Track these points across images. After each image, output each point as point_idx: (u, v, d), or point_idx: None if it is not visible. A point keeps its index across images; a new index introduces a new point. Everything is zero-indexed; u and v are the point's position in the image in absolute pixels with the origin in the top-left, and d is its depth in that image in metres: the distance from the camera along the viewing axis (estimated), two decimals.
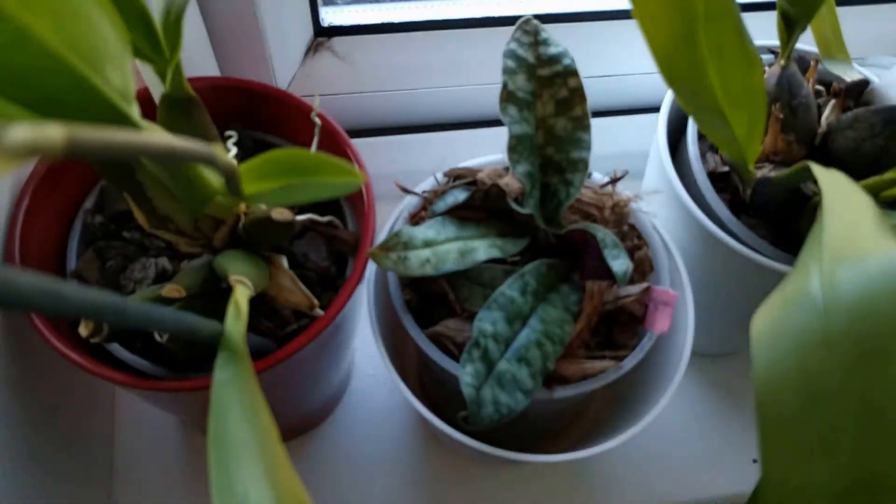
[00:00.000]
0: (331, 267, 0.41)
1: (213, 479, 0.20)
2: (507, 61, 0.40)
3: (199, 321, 0.24)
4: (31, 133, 0.10)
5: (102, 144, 0.12)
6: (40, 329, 0.35)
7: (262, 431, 0.20)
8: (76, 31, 0.17)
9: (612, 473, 0.57)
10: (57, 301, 0.14)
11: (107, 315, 0.17)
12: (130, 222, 0.43)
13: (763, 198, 0.43)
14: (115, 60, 0.19)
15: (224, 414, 0.22)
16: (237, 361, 0.24)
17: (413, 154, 0.65)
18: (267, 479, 0.19)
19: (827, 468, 0.21)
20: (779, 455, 0.22)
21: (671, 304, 0.39)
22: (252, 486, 0.19)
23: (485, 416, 0.34)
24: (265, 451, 0.20)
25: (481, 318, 0.36)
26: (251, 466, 0.19)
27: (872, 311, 0.22)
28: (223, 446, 0.21)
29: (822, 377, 0.22)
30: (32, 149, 0.10)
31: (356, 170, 0.21)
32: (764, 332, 0.24)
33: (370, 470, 0.56)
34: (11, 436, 0.40)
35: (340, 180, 0.22)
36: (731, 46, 0.32)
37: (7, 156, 0.10)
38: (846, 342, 0.22)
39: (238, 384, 0.22)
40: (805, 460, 0.22)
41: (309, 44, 0.62)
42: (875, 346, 0.22)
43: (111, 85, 0.19)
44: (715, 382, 0.62)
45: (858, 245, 0.25)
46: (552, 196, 0.41)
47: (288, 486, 0.19)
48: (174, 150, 0.15)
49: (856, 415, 0.21)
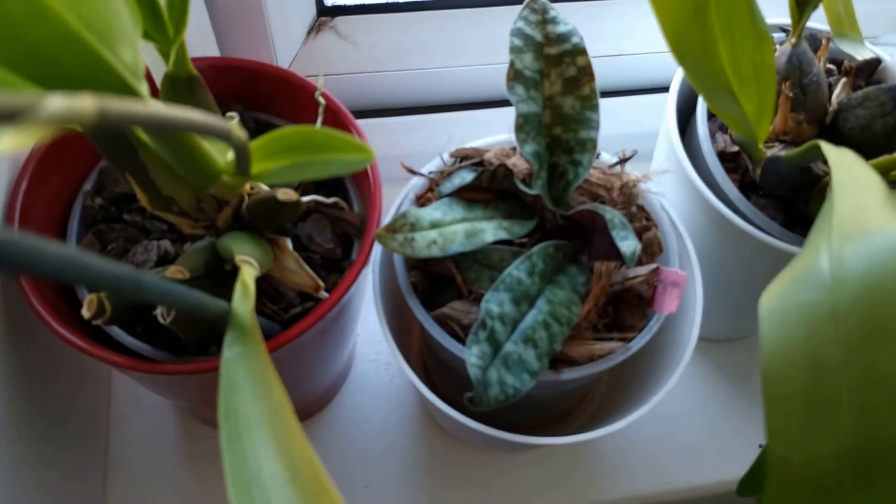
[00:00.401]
0: (336, 249, 0.42)
1: (225, 453, 0.21)
2: (514, 40, 0.40)
3: (208, 298, 0.25)
4: (66, 103, 0.11)
5: (129, 116, 0.12)
6: (41, 313, 0.36)
7: (274, 405, 0.21)
8: (91, 8, 0.17)
9: (617, 459, 0.58)
10: (78, 269, 0.15)
11: (124, 284, 0.17)
12: (131, 204, 0.44)
13: (773, 178, 0.44)
14: (127, 38, 0.20)
15: (233, 390, 0.22)
16: (246, 339, 0.25)
17: (417, 135, 0.66)
18: (279, 452, 0.20)
19: (830, 439, 0.22)
20: (784, 428, 0.23)
21: (681, 285, 0.39)
22: (265, 458, 0.20)
23: (491, 396, 0.35)
24: (277, 424, 0.20)
25: (488, 300, 0.37)
26: (262, 440, 0.20)
27: (880, 287, 0.23)
28: (234, 421, 0.21)
29: (829, 351, 0.23)
30: (66, 118, 0.11)
31: (366, 146, 0.22)
32: (772, 308, 0.25)
33: (372, 455, 0.57)
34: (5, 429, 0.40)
35: (350, 157, 0.22)
36: (742, 23, 0.32)
37: (42, 124, 0.10)
38: (853, 317, 0.23)
39: (247, 360, 0.23)
40: (809, 432, 0.23)
41: (311, 24, 0.63)
42: (882, 320, 0.23)
43: (122, 62, 0.20)
44: (722, 367, 0.62)
45: (867, 223, 0.26)
46: (560, 176, 0.42)
47: (301, 457, 0.20)
48: (193, 123, 0.15)
49: (860, 386, 0.22)
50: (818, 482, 0.23)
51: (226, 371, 0.23)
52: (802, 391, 0.23)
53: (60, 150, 0.41)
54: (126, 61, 0.20)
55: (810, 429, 0.23)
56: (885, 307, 0.23)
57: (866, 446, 0.22)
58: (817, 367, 0.23)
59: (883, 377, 0.22)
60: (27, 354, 0.43)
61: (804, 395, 0.23)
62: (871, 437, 0.22)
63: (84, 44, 0.17)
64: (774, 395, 0.23)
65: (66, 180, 0.43)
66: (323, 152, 0.23)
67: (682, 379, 0.42)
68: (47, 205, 0.42)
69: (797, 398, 0.23)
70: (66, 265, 0.14)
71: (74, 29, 0.17)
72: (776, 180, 0.44)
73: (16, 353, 0.41)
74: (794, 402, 0.23)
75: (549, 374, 0.38)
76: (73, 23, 0.17)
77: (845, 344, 0.23)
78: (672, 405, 0.60)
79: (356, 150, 0.22)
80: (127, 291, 0.18)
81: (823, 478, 0.23)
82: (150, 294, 0.19)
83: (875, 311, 0.23)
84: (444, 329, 0.40)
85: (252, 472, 0.19)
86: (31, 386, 0.43)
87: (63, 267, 0.14)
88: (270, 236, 0.39)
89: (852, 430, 0.22)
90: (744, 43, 0.32)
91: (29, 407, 0.43)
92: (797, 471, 0.23)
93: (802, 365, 0.23)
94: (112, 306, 0.33)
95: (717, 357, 0.63)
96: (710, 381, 0.62)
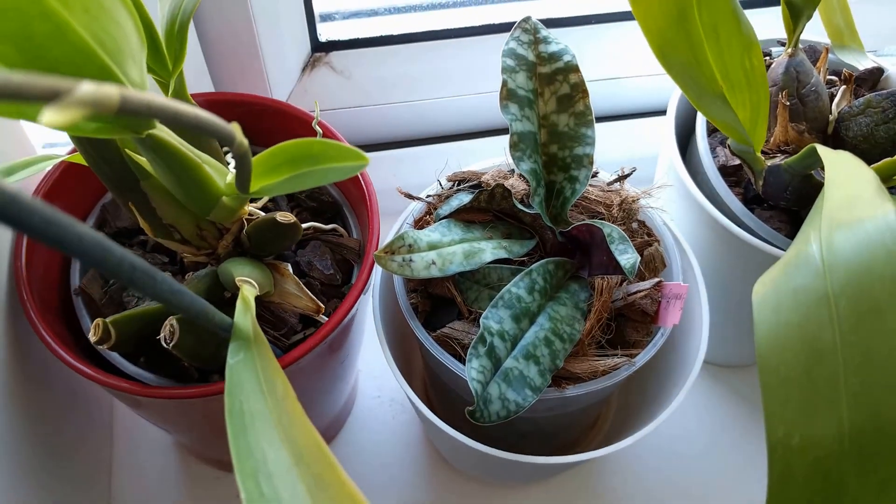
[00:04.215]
0: (336, 275, 0.44)
1: (232, 448, 0.23)
2: (507, 60, 0.44)
3: (212, 308, 0.28)
4: (95, 87, 0.13)
5: (146, 104, 0.15)
6: (47, 340, 0.39)
7: (278, 397, 0.23)
8: (104, 28, 0.20)
9: (627, 490, 0.59)
10: (104, 252, 0.17)
11: (138, 274, 0.20)
12: (133, 238, 0.46)
13: (775, 187, 0.46)
14: (135, 57, 0.23)
15: (238, 390, 0.25)
16: (249, 346, 0.27)
17: (415, 166, 0.69)
18: (284, 440, 0.22)
19: (828, 420, 0.24)
20: (782, 414, 0.25)
21: (683, 297, 0.41)
22: (269, 446, 0.22)
23: (492, 411, 0.37)
24: (281, 414, 0.23)
25: (487, 317, 0.39)
26: (267, 430, 0.22)
27: (870, 268, 0.25)
28: (240, 417, 0.23)
29: (824, 333, 0.25)
30: (95, 102, 0.13)
31: (361, 152, 0.25)
32: (765, 295, 0.27)
33: (377, 493, 0.58)
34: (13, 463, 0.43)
35: (347, 163, 0.25)
36: (727, 28, 0.35)
37: (76, 104, 0.13)
38: (846, 299, 0.25)
39: (251, 362, 0.25)
40: (808, 415, 0.24)
41: (306, 60, 0.66)
42: (874, 301, 0.24)
43: (130, 79, 0.22)
44: (729, 393, 0.64)
45: (857, 211, 0.28)
46: (557, 194, 0.44)
47: (306, 441, 0.22)
48: (200, 119, 0.18)
49: (857, 366, 0.23)
50: (820, 464, 0.24)
51: (230, 375, 0.26)
52: (799, 374, 0.25)
53: (64, 185, 0.45)
54: (133, 78, 0.23)
55: (809, 411, 0.24)
56: (876, 288, 0.24)
57: (867, 426, 0.23)
58: (813, 350, 0.25)
59: (879, 356, 0.24)
60: (36, 396, 0.46)
61: (801, 379, 0.25)
62: (871, 416, 0.23)
63: (99, 59, 0.20)
64: (771, 380, 0.25)
65: (70, 215, 0.46)
66: (321, 162, 0.26)
67: (691, 406, 0.43)
68: None
69: (794, 382, 0.25)
70: (94, 246, 0.17)
71: (90, 47, 0.20)
72: (778, 190, 0.46)
73: (25, 395, 0.44)
74: (790, 385, 0.25)
75: (552, 391, 0.40)
76: (89, 41, 0.20)
77: (839, 326, 0.25)
78: (681, 431, 0.61)
79: (352, 157, 0.25)
80: (140, 283, 0.20)
81: (826, 459, 0.24)
82: (162, 289, 0.22)
83: (867, 291, 0.25)
84: (446, 349, 0.42)
85: (258, 461, 0.22)
86: (38, 424, 0.46)
87: (91, 247, 0.17)
88: (271, 262, 0.41)
89: (851, 411, 0.24)
90: (731, 48, 0.35)
91: (36, 444, 0.45)
92: (799, 454, 0.24)
93: (798, 348, 0.25)
94: (117, 332, 0.35)
95: (735, 383, 0.64)
96: (720, 408, 0.63)
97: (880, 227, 0.26)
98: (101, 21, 0.20)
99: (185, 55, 0.35)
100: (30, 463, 0.44)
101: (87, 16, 0.19)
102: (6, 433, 0.42)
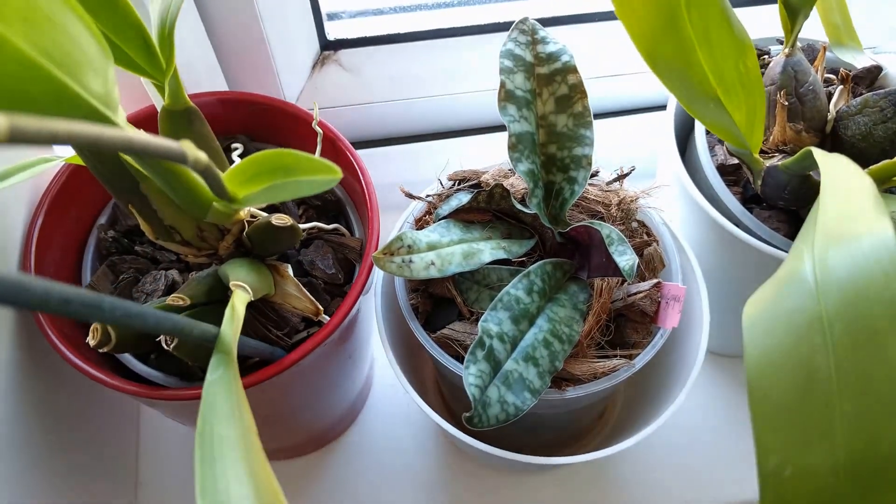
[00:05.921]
0: (338, 274, 0.42)
1: (197, 475, 0.20)
2: (504, 61, 0.40)
3: (189, 323, 0.25)
4: None
5: (44, 132, 0.12)
6: (57, 346, 0.37)
7: (245, 429, 0.21)
8: (49, 38, 0.17)
9: (636, 479, 0.57)
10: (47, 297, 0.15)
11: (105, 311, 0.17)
12: (143, 236, 0.44)
13: (773, 188, 0.43)
14: (95, 67, 0.20)
15: (211, 413, 0.22)
16: (228, 363, 0.24)
17: (423, 162, 0.66)
18: (248, 476, 0.19)
19: (824, 450, 0.21)
20: (773, 443, 0.22)
21: (681, 299, 0.38)
22: (235, 481, 0.19)
23: (491, 415, 0.34)
24: (247, 449, 0.20)
25: (486, 319, 0.36)
26: (234, 464, 0.20)
27: (866, 290, 0.22)
28: (210, 443, 0.21)
29: (817, 358, 0.22)
30: None
31: (333, 165, 0.22)
32: (756, 318, 0.23)
33: (391, 479, 0.57)
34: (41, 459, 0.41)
35: (319, 177, 0.22)
36: (719, 31, 0.32)
37: None
38: (840, 322, 0.22)
39: (226, 385, 0.23)
40: (801, 444, 0.21)
41: (315, 58, 0.63)
42: (871, 324, 0.21)
43: (90, 91, 0.20)
44: (733, 382, 0.61)
45: (852, 227, 0.24)
46: (556, 194, 0.41)
47: (266, 483, 0.19)
48: (132, 143, 0.15)
49: (853, 393, 0.20)
50: (816, 497, 0.21)
51: (206, 394, 0.23)
52: (791, 401, 0.22)
53: (76, 186, 0.42)
54: (94, 90, 0.20)
55: (802, 441, 0.22)
56: (872, 311, 0.22)
57: (865, 457, 0.21)
58: (806, 376, 0.22)
59: (876, 383, 0.21)
60: (63, 390, 0.44)
61: (793, 406, 0.22)
62: (869, 446, 0.21)
63: (45, 72, 0.17)
64: (761, 407, 0.22)
65: (81, 214, 0.44)
66: (293, 174, 0.23)
67: (695, 396, 0.40)
68: (64, 238, 0.43)
69: (786, 409, 0.22)
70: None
71: (34, 59, 0.17)
72: (777, 190, 0.42)
73: (50, 392, 0.43)
74: (782, 413, 0.22)
75: (552, 393, 0.37)
76: (31, 53, 0.17)
77: (834, 351, 0.22)
78: (685, 423, 0.59)
79: (323, 170, 0.22)
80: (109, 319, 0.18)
81: (821, 492, 0.21)
82: (115, 316, 0.19)
83: (863, 315, 0.22)
84: (446, 350, 0.39)
85: (221, 495, 0.19)
86: (65, 421, 0.45)
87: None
88: (272, 263, 0.39)
89: (847, 440, 0.21)
90: (723, 51, 0.32)
91: (65, 438, 0.44)
92: (792, 486, 0.22)
93: (790, 374, 0.22)
94: (117, 335, 0.33)
95: (729, 371, 0.61)
96: (724, 397, 0.60)
97: (876, 245, 0.23)
98: (46, 32, 0.18)
99: (174, 57, 0.32)
100: (61, 448, 0.43)
101: (27, 26, 0.17)
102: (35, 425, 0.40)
